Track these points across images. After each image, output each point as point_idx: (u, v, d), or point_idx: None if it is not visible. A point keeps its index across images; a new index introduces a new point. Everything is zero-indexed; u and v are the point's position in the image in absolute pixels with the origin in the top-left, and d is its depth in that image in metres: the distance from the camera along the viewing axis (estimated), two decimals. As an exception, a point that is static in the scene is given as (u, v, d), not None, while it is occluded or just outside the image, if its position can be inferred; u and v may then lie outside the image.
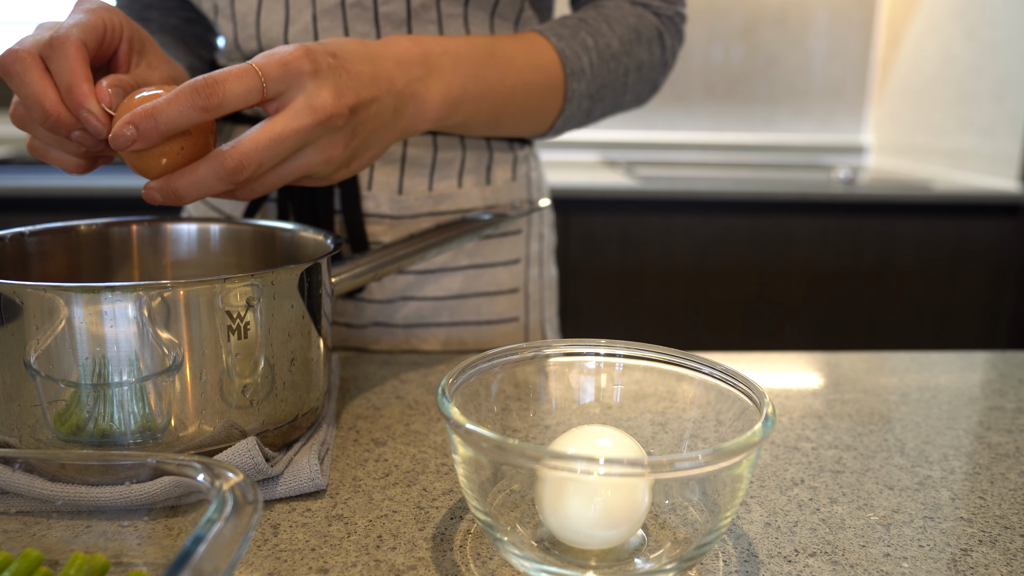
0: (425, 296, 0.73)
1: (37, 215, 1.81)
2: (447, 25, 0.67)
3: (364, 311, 0.73)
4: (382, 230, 0.71)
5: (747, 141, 2.56)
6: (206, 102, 0.44)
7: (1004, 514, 0.45)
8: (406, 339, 0.75)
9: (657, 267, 1.95)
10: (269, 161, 0.46)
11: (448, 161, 0.71)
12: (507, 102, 0.62)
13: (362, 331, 0.74)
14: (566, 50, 0.65)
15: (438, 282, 0.73)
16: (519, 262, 0.77)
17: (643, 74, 0.72)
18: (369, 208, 0.70)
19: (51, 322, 0.40)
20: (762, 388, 0.40)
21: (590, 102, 0.69)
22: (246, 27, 0.67)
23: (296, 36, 0.66)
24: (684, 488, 0.41)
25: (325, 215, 0.69)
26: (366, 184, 0.70)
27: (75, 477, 0.39)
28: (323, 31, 0.65)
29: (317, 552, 0.40)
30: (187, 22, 0.79)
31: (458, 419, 0.36)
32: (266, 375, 0.46)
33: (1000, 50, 2.03)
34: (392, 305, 0.73)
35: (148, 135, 0.44)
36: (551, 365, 0.47)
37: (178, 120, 0.44)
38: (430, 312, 0.74)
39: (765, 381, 0.66)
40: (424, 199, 0.71)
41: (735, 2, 2.47)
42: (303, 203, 0.69)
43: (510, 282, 0.76)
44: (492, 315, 0.76)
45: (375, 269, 0.58)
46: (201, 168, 0.45)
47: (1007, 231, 1.97)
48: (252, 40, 0.67)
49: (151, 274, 0.60)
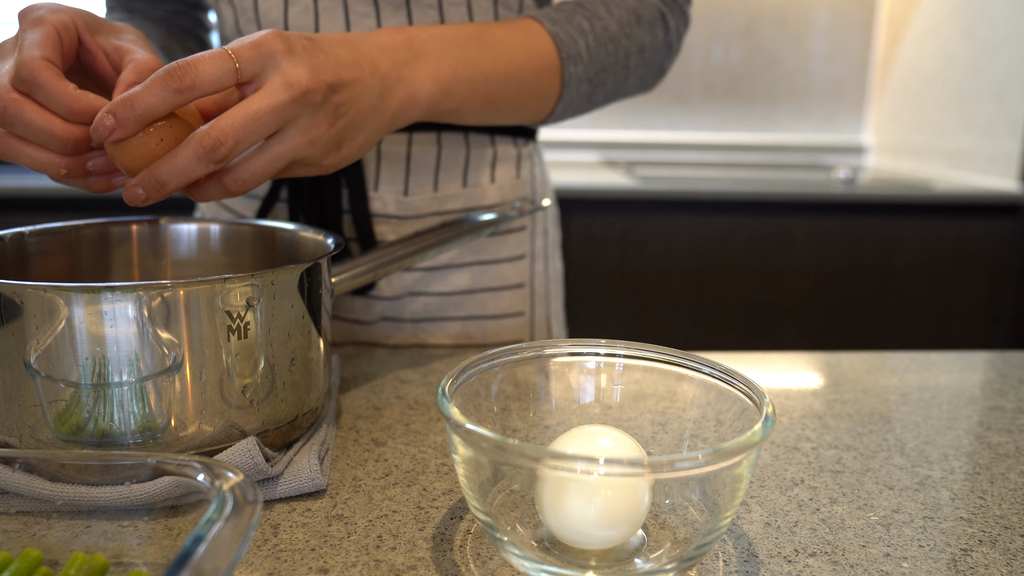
0: (433, 292, 0.74)
1: (37, 215, 1.81)
2: (448, 12, 0.67)
3: (373, 307, 0.74)
4: (389, 229, 0.71)
5: (747, 141, 2.56)
6: (179, 83, 0.44)
7: (1004, 514, 0.45)
8: (414, 334, 0.75)
9: (657, 267, 1.95)
10: (246, 139, 0.46)
11: (452, 160, 0.72)
12: (501, 86, 0.62)
13: (371, 327, 0.75)
14: (560, 34, 0.65)
15: (445, 278, 0.74)
16: (524, 258, 0.77)
17: (646, 57, 0.71)
18: (376, 208, 0.71)
19: (51, 322, 0.40)
20: (762, 388, 0.40)
21: (590, 86, 0.68)
22: (245, 11, 0.67)
23: (296, 17, 0.66)
24: (684, 488, 0.41)
25: (334, 215, 0.69)
26: (373, 185, 0.70)
27: (75, 477, 0.39)
28: (323, 11, 0.65)
29: (317, 552, 0.40)
30: (173, 14, 0.79)
31: (458, 419, 0.36)
32: (266, 375, 0.46)
33: (1000, 50, 2.03)
34: (400, 301, 0.74)
35: (127, 123, 0.44)
36: (551, 365, 0.47)
37: (155, 105, 0.44)
38: (438, 307, 0.75)
39: (765, 381, 0.66)
40: (430, 200, 0.71)
41: (735, 2, 2.47)
42: (312, 203, 0.70)
43: (516, 277, 0.77)
44: (499, 310, 0.76)
45: (375, 269, 0.58)
46: (180, 151, 0.45)
47: (1007, 231, 1.97)
48: (252, 24, 0.67)
49: (151, 274, 0.60)
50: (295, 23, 0.66)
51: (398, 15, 0.66)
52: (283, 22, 0.66)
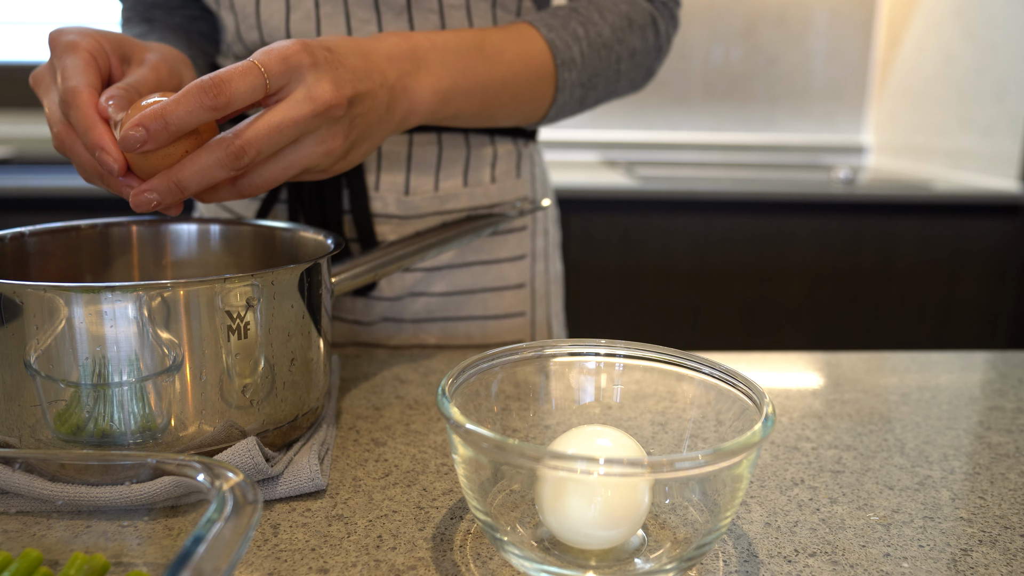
0: (433, 292, 0.74)
1: (37, 215, 1.81)
2: (448, 15, 0.68)
3: (373, 308, 0.74)
4: (390, 229, 0.72)
5: (747, 141, 2.56)
6: (214, 101, 0.45)
7: (1004, 514, 0.45)
8: (415, 334, 0.76)
9: (657, 267, 1.95)
10: (268, 148, 0.47)
11: (453, 160, 0.72)
12: (498, 94, 0.63)
13: (371, 327, 0.75)
14: (556, 40, 0.66)
15: (446, 278, 0.74)
16: (525, 258, 0.78)
17: (636, 61, 0.72)
18: (377, 208, 0.71)
19: (51, 322, 0.40)
20: (762, 388, 0.40)
21: (583, 91, 0.69)
22: (246, 17, 0.67)
23: (298, 23, 0.66)
24: (684, 488, 0.41)
25: (334, 216, 0.70)
26: (374, 185, 0.71)
27: (75, 477, 0.39)
28: (324, 17, 0.66)
29: (317, 552, 0.40)
30: (191, 20, 0.79)
31: (458, 419, 0.36)
32: (266, 375, 0.46)
33: (1000, 50, 2.03)
34: (401, 302, 0.74)
35: (158, 135, 0.45)
36: (551, 365, 0.47)
37: (187, 119, 0.45)
38: (439, 308, 0.75)
39: (765, 381, 0.66)
40: (431, 199, 0.72)
41: (735, 2, 2.47)
42: (312, 204, 0.70)
43: (516, 277, 0.77)
44: (499, 310, 0.77)
45: (375, 269, 0.58)
46: (203, 155, 0.46)
47: (1007, 231, 1.97)
48: (253, 30, 0.67)
49: (151, 274, 0.60)
50: (296, 30, 0.66)
51: (399, 20, 0.66)
52: (284, 28, 0.66)
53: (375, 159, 0.70)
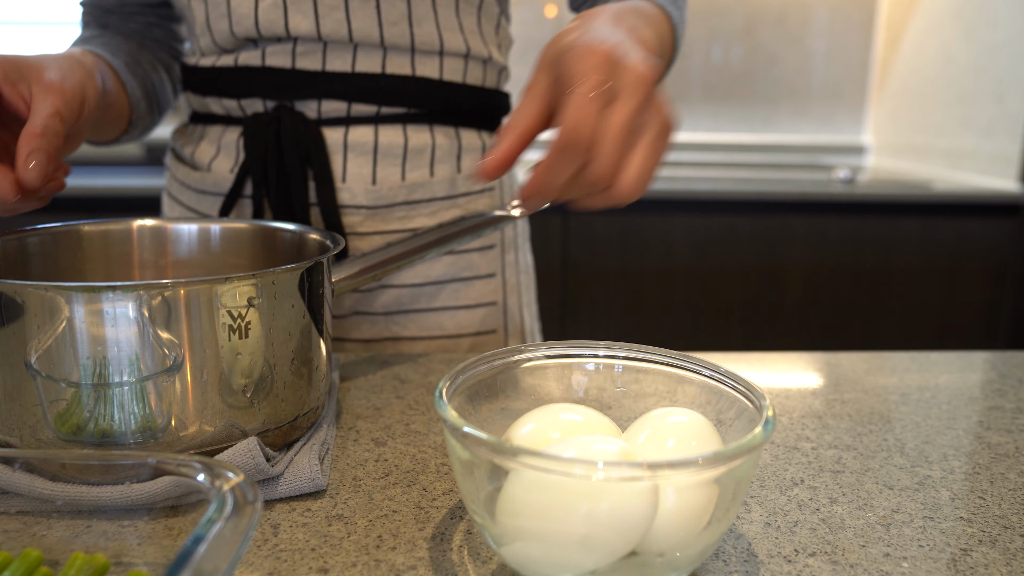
0: (403, 283, 0.75)
1: (37, 215, 1.81)
2: (414, 1, 0.69)
3: (343, 301, 0.75)
4: (358, 220, 0.72)
5: (747, 141, 2.56)
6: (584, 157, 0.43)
7: (1004, 514, 0.45)
8: (386, 326, 0.76)
9: (657, 267, 1.95)
10: None
11: (419, 150, 0.73)
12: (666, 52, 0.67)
13: (342, 321, 0.76)
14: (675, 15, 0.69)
15: (415, 269, 0.75)
16: (494, 247, 0.79)
17: None
18: (344, 199, 0.72)
19: (52, 322, 0.40)
20: (762, 391, 0.40)
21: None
22: (217, 5, 0.69)
23: (266, 11, 0.67)
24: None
25: (301, 208, 0.70)
26: (340, 176, 0.71)
27: (75, 477, 0.39)
28: (291, 4, 0.67)
29: (317, 552, 0.40)
30: (147, 27, 0.81)
31: (455, 422, 0.36)
32: (267, 375, 0.46)
33: (1000, 50, 2.03)
34: (371, 293, 0.75)
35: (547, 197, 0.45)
36: (550, 367, 0.47)
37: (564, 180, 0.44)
38: (409, 299, 0.75)
39: (765, 381, 0.66)
40: (398, 189, 0.73)
41: (735, 2, 2.47)
42: (279, 197, 0.70)
43: (486, 267, 0.78)
44: (470, 300, 0.77)
45: (375, 269, 0.58)
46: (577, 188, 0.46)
47: (1007, 231, 1.97)
48: (223, 19, 0.69)
49: (151, 274, 0.60)
50: (265, 17, 0.68)
51: (366, 6, 0.68)
52: (253, 16, 0.68)
53: (341, 150, 0.71)
